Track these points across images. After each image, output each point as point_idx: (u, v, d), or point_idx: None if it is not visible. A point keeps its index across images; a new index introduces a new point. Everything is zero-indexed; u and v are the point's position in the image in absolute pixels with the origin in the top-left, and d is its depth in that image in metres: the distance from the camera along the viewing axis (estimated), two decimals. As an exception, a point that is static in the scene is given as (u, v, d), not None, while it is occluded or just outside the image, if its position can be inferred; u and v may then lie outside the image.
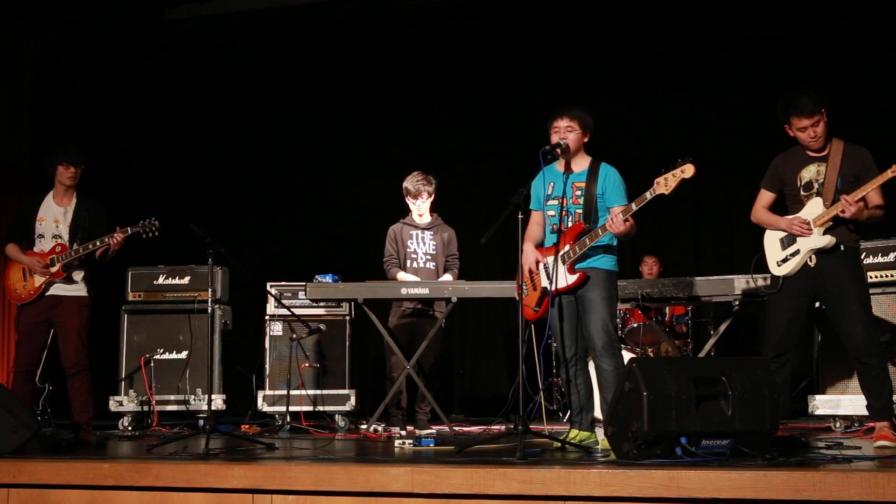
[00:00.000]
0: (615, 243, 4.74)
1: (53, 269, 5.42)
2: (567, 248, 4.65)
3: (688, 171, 4.34)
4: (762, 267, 4.96)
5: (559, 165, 4.78)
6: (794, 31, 7.85)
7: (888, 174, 4.45)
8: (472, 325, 8.72)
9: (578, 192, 4.70)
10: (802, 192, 4.75)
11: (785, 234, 4.78)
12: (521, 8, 8.33)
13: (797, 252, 4.72)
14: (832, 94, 4.76)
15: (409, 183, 6.37)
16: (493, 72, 8.62)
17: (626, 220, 4.46)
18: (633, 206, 4.48)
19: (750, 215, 4.99)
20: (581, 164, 4.77)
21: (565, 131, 4.70)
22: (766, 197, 4.92)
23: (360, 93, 8.89)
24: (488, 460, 3.91)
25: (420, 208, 6.39)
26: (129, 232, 5.45)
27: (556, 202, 4.74)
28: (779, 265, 4.80)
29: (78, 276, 5.49)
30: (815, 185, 4.71)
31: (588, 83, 8.33)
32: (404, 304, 6.26)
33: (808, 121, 4.64)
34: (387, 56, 8.82)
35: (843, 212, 4.51)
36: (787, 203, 4.85)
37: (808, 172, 4.75)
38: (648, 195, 4.43)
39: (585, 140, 4.76)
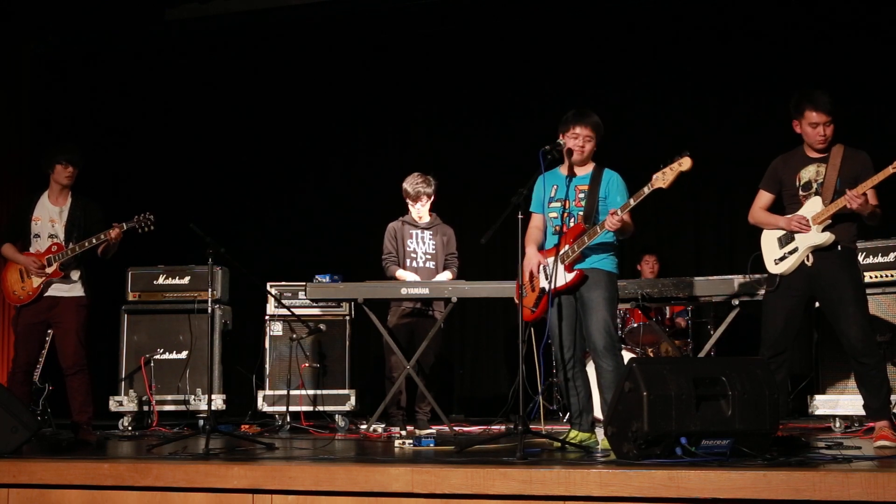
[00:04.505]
0: (617, 245, 4.75)
1: (50, 270, 5.41)
2: (566, 247, 4.66)
3: (685, 163, 4.34)
4: (759, 267, 4.97)
5: (563, 169, 4.79)
6: (796, 32, 7.85)
7: (889, 170, 4.46)
8: (472, 325, 8.72)
9: (581, 195, 4.72)
10: (801, 192, 4.75)
11: (783, 232, 4.79)
12: (522, 7, 8.33)
13: (795, 250, 4.72)
14: (835, 93, 4.76)
15: (409, 186, 6.36)
16: (493, 71, 8.61)
17: (622, 218, 4.46)
18: (632, 202, 4.50)
19: (748, 216, 4.99)
20: (585, 168, 4.79)
21: (584, 140, 4.71)
22: (764, 198, 4.92)
23: (361, 92, 8.88)
24: (488, 460, 3.91)
25: (420, 211, 6.39)
26: (125, 227, 5.44)
27: (558, 204, 4.75)
28: (776, 263, 4.80)
29: (75, 275, 5.47)
30: (814, 185, 4.72)
31: (588, 82, 8.33)
32: (404, 303, 6.26)
33: (822, 117, 4.63)
34: (387, 55, 8.82)
35: (850, 203, 4.50)
36: (784, 203, 4.85)
37: (808, 172, 4.75)
38: (646, 190, 4.44)
39: (594, 149, 4.80)
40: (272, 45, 8.95)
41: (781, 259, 4.77)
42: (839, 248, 4.66)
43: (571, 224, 4.72)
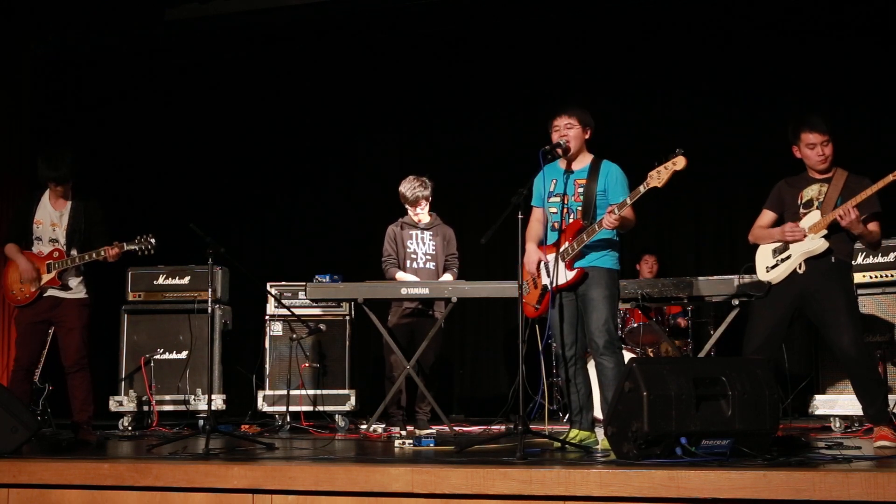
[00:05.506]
0: (617, 240, 4.75)
1: (49, 277, 5.39)
2: (566, 245, 4.66)
3: (679, 163, 4.35)
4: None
5: (562, 163, 4.80)
6: (798, 35, 7.84)
7: (889, 178, 4.46)
8: (472, 325, 8.71)
9: (580, 190, 4.72)
10: (802, 210, 4.77)
11: (778, 244, 4.79)
12: (522, 7, 8.33)
13: (789, 257, 4.72)
14: (835, 98, 4.79)
15: (407, 191, 6.32)
16: (493, 71, 8.61)
17: (619, 216, 4.46)
18: (627, 200, 4.51)
19: (748, 235, 4.99)
20: (583, 161, 4.79)
21: (565, 129, 4.72)
22: (767, 217, 4.93)
23: (361, 92, 8.88)
24: (488, 460, 3.91)
25: (419, 214, 6.37)
26: (126, 248, 5.42)
27: (557, 199, 4.76)
28: (767, 271, 4.80)
29: (75, 281, 5.46)
30: (816, 203, 4.74)
31: (589, 83, 8.32)
32: (404, 304, 6.25)
33: (819, 137, 4.68)
34: (387, 55, 8.82)
35: (841, 217, 4.52)
36: (785, 221, 4.83)
37: (811, 191, 4.78)
38: (642, 188, 4.45)
39: (586, 137, 4.79)
40: (272, 45, 8.95)
41: (773, 266, 4.77)
42: (833, 259, 4.66)
43: (571, 220, 4.72)
